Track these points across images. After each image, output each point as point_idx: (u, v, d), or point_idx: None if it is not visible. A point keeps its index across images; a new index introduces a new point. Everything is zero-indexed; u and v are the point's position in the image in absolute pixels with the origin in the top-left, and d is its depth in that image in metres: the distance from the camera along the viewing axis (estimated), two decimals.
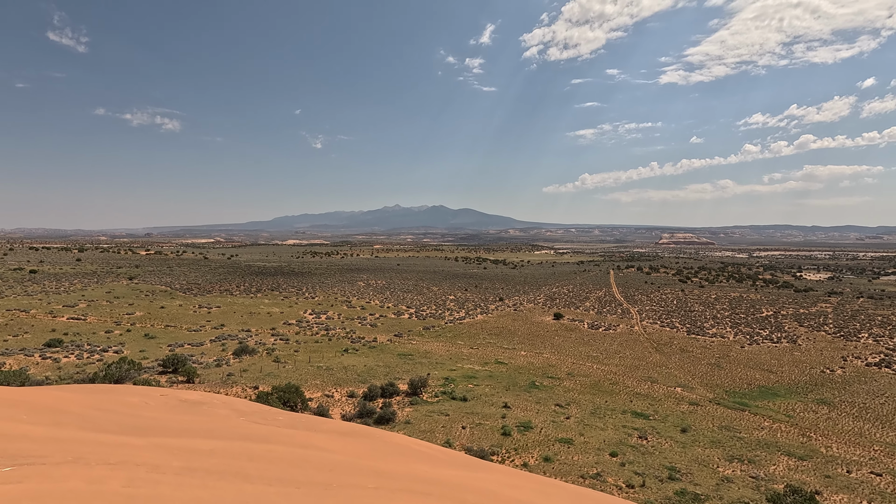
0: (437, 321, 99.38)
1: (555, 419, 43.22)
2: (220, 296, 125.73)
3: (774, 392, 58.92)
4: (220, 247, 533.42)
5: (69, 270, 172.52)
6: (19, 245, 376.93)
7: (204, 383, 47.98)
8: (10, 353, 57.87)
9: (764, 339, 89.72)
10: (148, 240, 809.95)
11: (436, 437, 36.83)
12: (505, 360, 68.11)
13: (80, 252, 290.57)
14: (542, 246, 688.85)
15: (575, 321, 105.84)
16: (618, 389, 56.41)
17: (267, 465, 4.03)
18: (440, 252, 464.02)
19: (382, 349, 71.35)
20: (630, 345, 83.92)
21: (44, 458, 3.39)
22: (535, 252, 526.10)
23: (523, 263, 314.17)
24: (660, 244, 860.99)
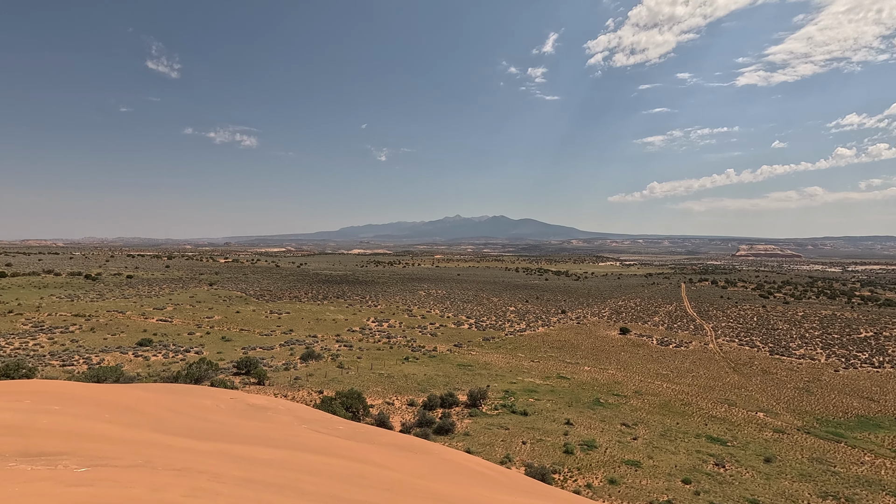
0: (496, 332, 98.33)
1: (621, 439, 41.07)
2: (289, 302, 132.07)
3: (877, 423, 52.56)
4: (291, 255, 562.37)
5: (159, 276, 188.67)
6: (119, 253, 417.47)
7: (273, 385, 50.28)
8: (109, 351, 63.87)
9: (863, 363, 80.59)
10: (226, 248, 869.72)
11: (495, 451, 36.13)
12: (567, 375, 65.95)
13: (169, 259, 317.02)
14: (606, 257, 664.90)
15: (643, 336, 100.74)
16: (690, 411, 52.76)
17: (323, 480, 3.97)
18: (500, 262, 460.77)
19: (442, 359, 71.49)
20: (704, 363, 78.50)
21: (116, 459, 3.51)
22: (600, 263, 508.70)
23: (587, 275, 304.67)
24: (737, 256, 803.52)
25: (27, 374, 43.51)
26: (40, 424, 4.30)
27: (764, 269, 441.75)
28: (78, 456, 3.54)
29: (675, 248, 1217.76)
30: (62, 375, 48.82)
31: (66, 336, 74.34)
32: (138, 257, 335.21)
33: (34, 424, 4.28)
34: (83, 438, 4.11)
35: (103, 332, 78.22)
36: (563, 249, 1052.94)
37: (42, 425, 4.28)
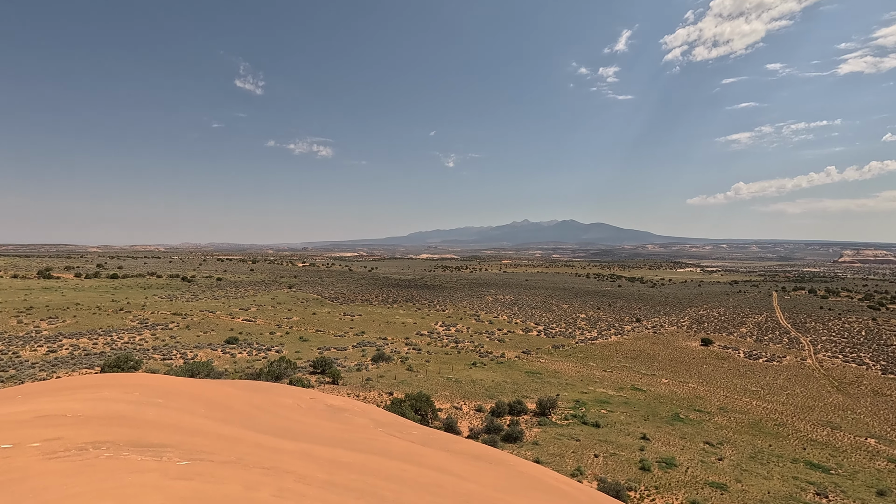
0: (566, 340, 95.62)
1: (704, 459, 38.18)
2: (361, 305, 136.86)
3: None
4: (363, 260, 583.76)
5: (244, 279, 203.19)
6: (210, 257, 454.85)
7: (346, 385, 52.19)
8: (201, 347, 69.61)
9: None
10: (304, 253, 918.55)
11: (565, 462, 34.96)
12: (643, 387, 62.60)
13: (253, 263, 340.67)
14: (685, 263, 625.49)
15: (728, 349, 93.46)
16: (786, 433, 48.02)
17: (402, 488, 3.97)
18: (570, 268, 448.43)
19: (510, 365, 70.62)
20: (801, 381, 71.28)
21: (212, 455, 3.73)
22: (678, 270, 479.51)
23: (663, 282, 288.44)
24: (840, 262, 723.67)
25: (134, 366, 48.47)
26: (147, 416, 4.70)
27: (874, 276, 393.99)
28: (179, 449, 3.81)
29: (765, 253, 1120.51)
30: (162, 368, 53.86)
31: (165, 332, 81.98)
32: (227, 261, 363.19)
33: (142, 416, 4.69)
34: (183, 432, 4.41)
35: (196, 330, 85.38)
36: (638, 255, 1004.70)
37: (149, 417, 4.68)
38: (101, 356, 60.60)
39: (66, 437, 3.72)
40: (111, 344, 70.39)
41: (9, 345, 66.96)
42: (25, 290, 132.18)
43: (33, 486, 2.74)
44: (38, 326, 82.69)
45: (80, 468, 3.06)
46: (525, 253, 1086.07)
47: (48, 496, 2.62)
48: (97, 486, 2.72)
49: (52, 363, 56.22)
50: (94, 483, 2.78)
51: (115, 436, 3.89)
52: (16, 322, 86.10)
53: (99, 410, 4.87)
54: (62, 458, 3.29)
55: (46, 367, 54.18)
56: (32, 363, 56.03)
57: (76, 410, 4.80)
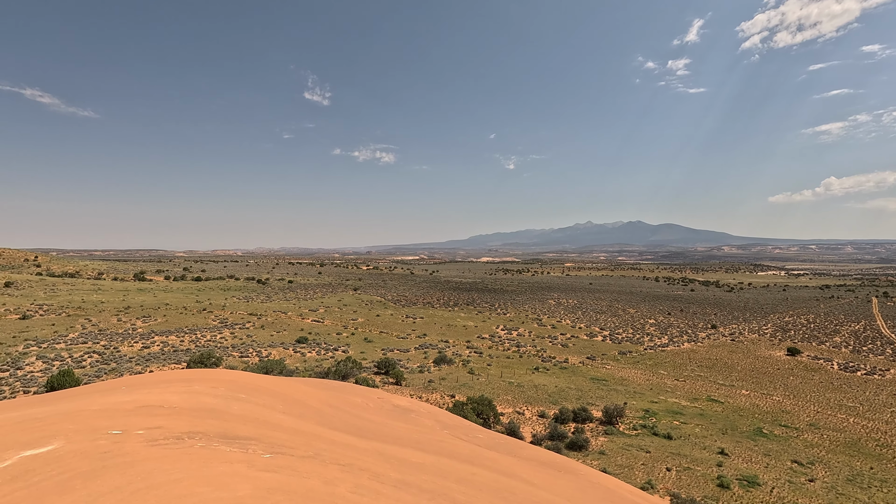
0: (634, 346, 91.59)
1: (792, 479, 35.05)
2: (423, 308, 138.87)
3: None
4: (424, 263, 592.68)
5: (313, 282, 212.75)
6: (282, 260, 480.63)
7: (409, 386, 53.09)
8: (274, 346, 73.67)
9: None
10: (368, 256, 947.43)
11: (634, 474, 33.41)
12: (720, 399, 58.60)
13: (321, 267, 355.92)
14: (767, 266, 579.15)
15: (819, 359, 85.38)
16: (890, 454, 43.03)
17: (474, 492, 3.97)
18: (637, 271, 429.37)
19: (574, 371, 68.71)
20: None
21: (292, 449, 3.93)
22: (759, 273, 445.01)
23: (742, 286, 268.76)
24: None
25: (215, 362, 52.16)
26: (233, 410, 5.05)
27: None
28: (263, 442, 4.04)
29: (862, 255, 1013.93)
30: (240, 365, 57.56)
31: (243, 332, 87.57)
32: (297, 264, 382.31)
33: (229, 410, 5.04)
34: (265, 426, 4.68)
35: (270, 330, 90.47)
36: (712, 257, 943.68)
37: (234, 411, 5.02)
38: (187, 352, 65.86)
39: (165, 427, 4.07)
40: (195, 341, 76.23)
41: (110, 340, 74.42)
42: (123, 291, 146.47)
43: (141, 469, 3.02)
44: (134, 324, 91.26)
45: (178, 455, 3.34)
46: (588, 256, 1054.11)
47: (154, 479, 2.88)
48: (195, 473, 2.95)
49: (146, 358, 61.81)
50: (192, 470, 3.02)
51: (207, 427, 4.21)
52: (116, 320, 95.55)
53: (191, 403, 5.29)
54: (163, 445, 3.60)
55: (141, 361, 59.69)
56: (129, 357, 61.92)
57: (172, 402, 5.25)
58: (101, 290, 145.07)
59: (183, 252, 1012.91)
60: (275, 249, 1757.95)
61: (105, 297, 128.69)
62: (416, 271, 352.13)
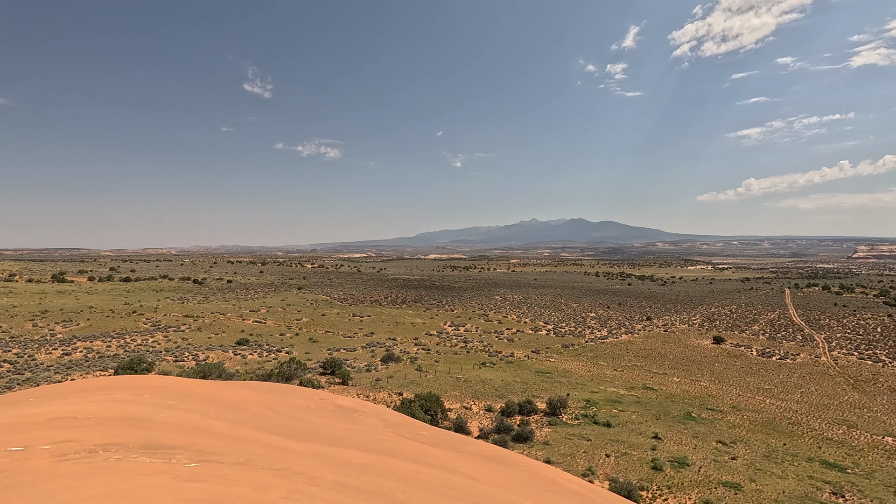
0: (576, 339, 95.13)
1: (717, 458, 37.76)
2: (370, 306, 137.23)
3: None
4: (371, 261, 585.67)
5: (254, 281, 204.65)
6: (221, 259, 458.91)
7: (356, 386, 52.32)
8: (212, 349, 70.20)
9: None
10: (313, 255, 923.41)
11: (577, 462, 34.75)
12: (654, 386, 62.08)
13: (263, 265, 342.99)
14: (696, 261, 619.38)
15: (740, 347, 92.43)
16: (800, 431, 47.36)
17: (414, 490, 3.92)
18: (579, 267, 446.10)
19: (519, 365, 70.39)
20: (815, 379, 70.30)
21: (222, 456, 3.71)
22: (689, 267, 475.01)
23: (674, 280, 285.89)
24: (854, 258, 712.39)
25: (147, 368, 48.97)
26: (159, 418, 4.70)
27: (889, 272, 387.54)
28: (190, 451, 3.79)
29: (777, 250, 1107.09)
30: (175, 370, 54.39)
31: (178, 335, 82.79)
32: (237, 263, 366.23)
33: (154, 418, 4.69)
34: (194, 434, 4.41)
35: (208, 332, 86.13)
36: (648, 253, 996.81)
37: (160, 419, 4.68)
38: (114, 358, 61.36)
39: (77, 440, 3.73)
40: (124, 346, 71.23)
41: (25, 348, 68.01)
42: (40, 293, 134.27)
43: (45, 488, 2.74)
44: (53, 330, 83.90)
45: (90, 471, 3.06)
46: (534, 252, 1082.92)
47: (62, 498, 2.61)
48: (108, 489, 2.71)
49: (67, 366, 56.99)
50: (104, 486, 2.77)
51: (126, 438, 3.89)
52: (31, 326, 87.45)
53: (111, 412, 4.89)
54: (73, 460, 3.29)
55: (61, 369, 54.96)
56: (48, 366, 56.86)
57: (88, 413, 4.82)
58: (13, 292, 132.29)
59: (109, 251, 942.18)
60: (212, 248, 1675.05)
61: (18, 301, 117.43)
62: (364, 269, 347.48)
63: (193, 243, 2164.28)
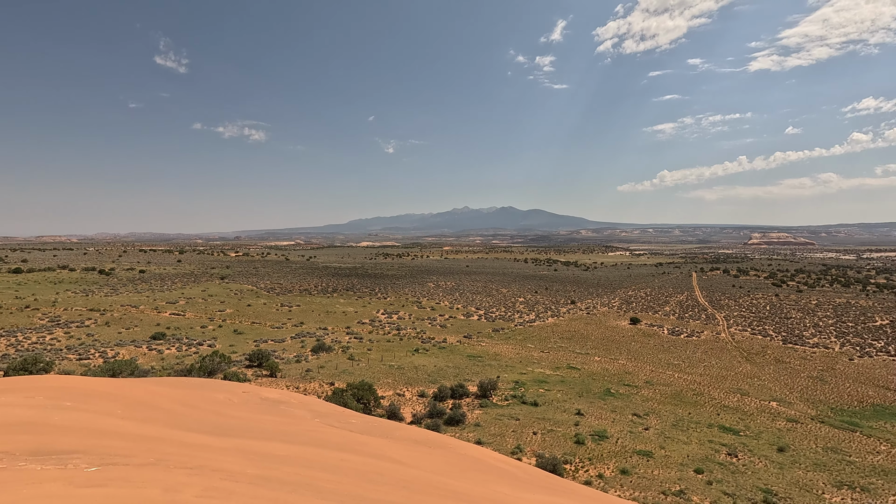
0: (506, 324, 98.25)
1: (632, 430, 40.89)
2: (299, 295, 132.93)
3: (893, 412, 51.90)
4: (300, 249, 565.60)
5: (171, 271, 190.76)
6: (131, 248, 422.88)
7: (285, 378, 50.67)
8: (123, 344, 64.76)
9: (878, 352, 79.50)
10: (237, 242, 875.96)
11: (506, 441, 36.15)
12: (578, 366, 65.77)
13: (181, 254, 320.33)
14: (616, 247, 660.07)
15: (653, 326, 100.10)
16: (702, 401, 52.42)
17: (340, 478, 3.86)
18: (509, 254, 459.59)
19: (452, 350, 71.61)
20: (716, 353, 77.89)
21: (128, 458, 3.42)
22: (609, 253, 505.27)
23: (596, 265, 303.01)
24: (749, 245, 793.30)
25: (45, 368, 44.25)
26: (53, 421, 4.24)
27: (777, 257, 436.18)
28: (90, 454, 3.47)
29: (686, 237, 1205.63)
30: (79, 369, 49.60)
31: (81, 330, 75.46)
32: (150, 252, 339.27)
33: (47, 421, 4.22)
34: (96, 435, 4.04)
35: (118, 327, 79.31)
36: (573, 240, 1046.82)
37: (55, 422, 4.22)
38: (3, 359, 54.80)
39: None
40: (16, 345, 63.83)
41: None
42: None
43: None
44: None
45: None
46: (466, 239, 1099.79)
47: None
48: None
49: None
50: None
51: (13, 445, 3.47)
52: None
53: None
54: None
55: None
56: None
57: None
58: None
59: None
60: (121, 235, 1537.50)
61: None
62: (292, 257, 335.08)
63: (99, 230, 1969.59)
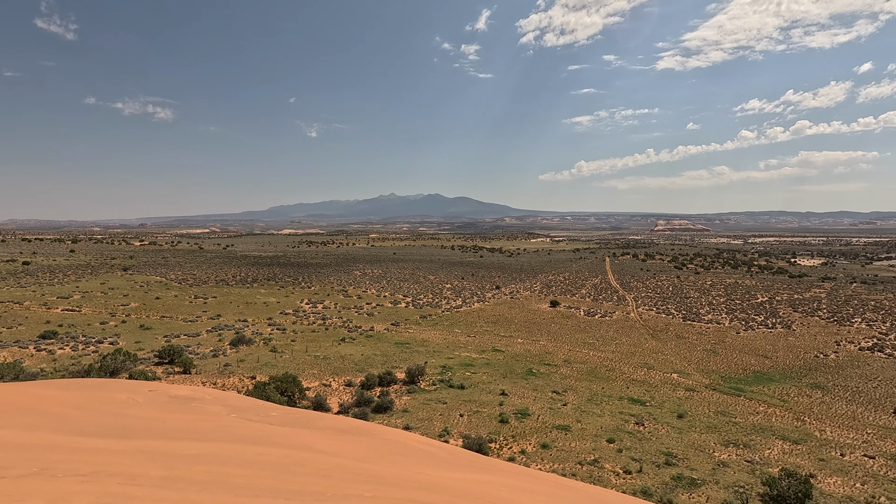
0: (433, 310, 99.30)
1: (552, 406, 43.29)
2: (216, 286, 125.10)
3: (769, 377, 59.29)
4: (216, 237, 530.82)
5: (63, 262, 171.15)
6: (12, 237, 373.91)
7: (201, 374, 47.71)
8: (5, 346, 57.34)
9: (759, 325, 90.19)
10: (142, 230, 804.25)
11: (434, 425, 36.81)
12: (502, 348, 68.18)
13: (74, 243, 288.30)
14: (538, 234, 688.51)
15: (571, 308, 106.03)
16: (614, 376, 56.59)
17: (257, 473, 3.70)
18: (436, 241, 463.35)
19: (379, 338, 71.24)
20: (626, 331, 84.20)
21: (6, 469, 3.03)
22: (532, 240, 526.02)
23: (520, 251, 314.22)
24: (655, 231, 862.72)
25: None
26: None
27: (678, 242, 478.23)
28: None
29: (601, 224, 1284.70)
30: None
31: None
32: (35, 241, 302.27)
33: None
34: None
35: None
36: (497, 227, 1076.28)
37: None
38: None
39: None
40: None
41: None
42: None
43: None
44: None
45: None
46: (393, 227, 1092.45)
47: None
48: None
49: None
50: None
51: None
52: None
53: None
54: None
55: None
56: None
57: None
58: None
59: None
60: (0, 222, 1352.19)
61: None
62: (207, 246, 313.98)
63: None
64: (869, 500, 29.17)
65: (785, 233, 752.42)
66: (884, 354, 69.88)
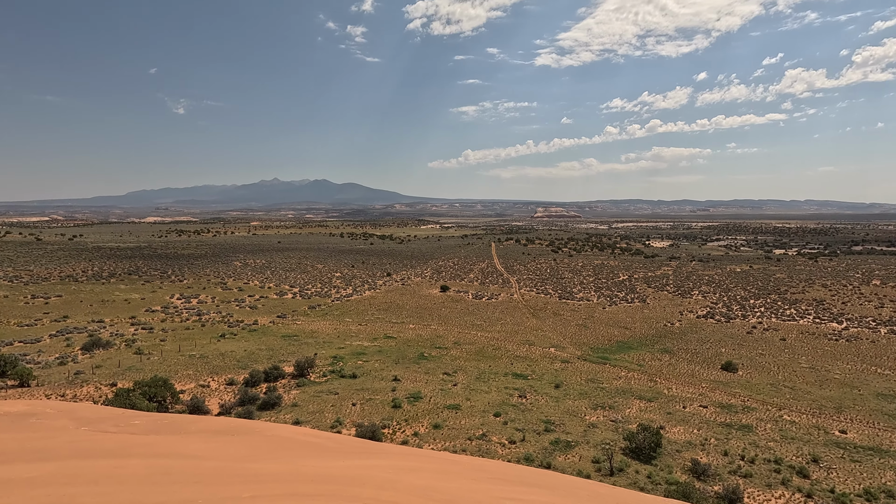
0: (323, 300, 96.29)
1: (443, 387, 44.73)
2: (60, 283, 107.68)
3: (629, 346, 67.44)
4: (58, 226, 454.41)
5: None
6: None
7: (44, 385, 41.04)
8: None
9: (621, 300, 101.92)
10: None
11: (325, 417, 35.99)
12: (394, 335, 68.54)
13: None
14: (428, 220, 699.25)
15: (460, 292, 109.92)
16: (500, 354, 60.07)
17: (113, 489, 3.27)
18: (324, 228, 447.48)
19: (264, 332, 67.35)
20: (510, 312, 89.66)
21: None
22: (422, 227, 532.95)
23: (410, 238, 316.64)
24: (535, 218, 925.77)
25: None
26: None
27: (555, 228, 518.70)
28: None
29: (487, 211, 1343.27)
30: None
31: None
32: None
33: None
34: None
35: None
36: (388, 214, 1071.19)
37: None
38: None
39: None
40: None
41: None
42: None
43: None
44: None
45: None
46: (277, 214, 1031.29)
47: None
48: None
49: None
50: None
51: None
52: None
53: None
54: None
55: None
56: None
57: None
58: None
59: None
60: None
61: None
62: (47, 237, 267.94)
63: None
64: (703, 441, 34.84)
65: (641, 219, 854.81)
66: (714, 320, 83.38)
